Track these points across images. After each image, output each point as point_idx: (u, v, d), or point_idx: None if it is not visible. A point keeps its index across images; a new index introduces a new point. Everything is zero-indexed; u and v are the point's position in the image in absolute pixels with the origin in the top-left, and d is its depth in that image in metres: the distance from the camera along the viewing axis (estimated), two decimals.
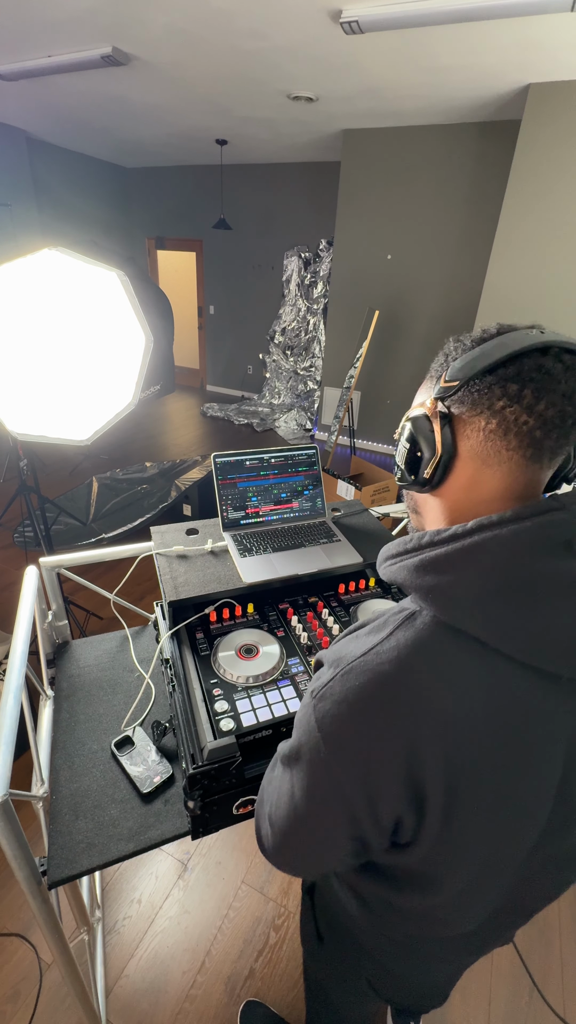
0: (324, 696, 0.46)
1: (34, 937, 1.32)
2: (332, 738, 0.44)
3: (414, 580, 0.46)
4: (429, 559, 0.45)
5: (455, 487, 0.48)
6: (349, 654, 0.46)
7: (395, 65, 2.79)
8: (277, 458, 1.21)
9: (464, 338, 0.48)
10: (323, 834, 0.49)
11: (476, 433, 0.45)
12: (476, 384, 0.44)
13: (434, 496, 0.51)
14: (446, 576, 0.43)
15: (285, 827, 0.51)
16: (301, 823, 0.50)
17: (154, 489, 3.66)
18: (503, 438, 0.43)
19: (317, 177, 5.24)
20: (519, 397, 0.42)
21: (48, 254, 0.97)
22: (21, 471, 1.98)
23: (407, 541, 0.49)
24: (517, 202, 3.21)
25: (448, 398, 0.46)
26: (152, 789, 0.86)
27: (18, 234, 4.79)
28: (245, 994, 1.28)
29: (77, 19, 2.48)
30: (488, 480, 0.46)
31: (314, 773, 0.47)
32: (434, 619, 0.44)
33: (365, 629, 0.50)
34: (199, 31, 2.51)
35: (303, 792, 0.48)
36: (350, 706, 0.44)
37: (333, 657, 0.48)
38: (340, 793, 0.45)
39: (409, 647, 0.43)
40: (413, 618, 0.45)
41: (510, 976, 1.35)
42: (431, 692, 0.42)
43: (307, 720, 0.47)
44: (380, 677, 0.43)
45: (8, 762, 0.64)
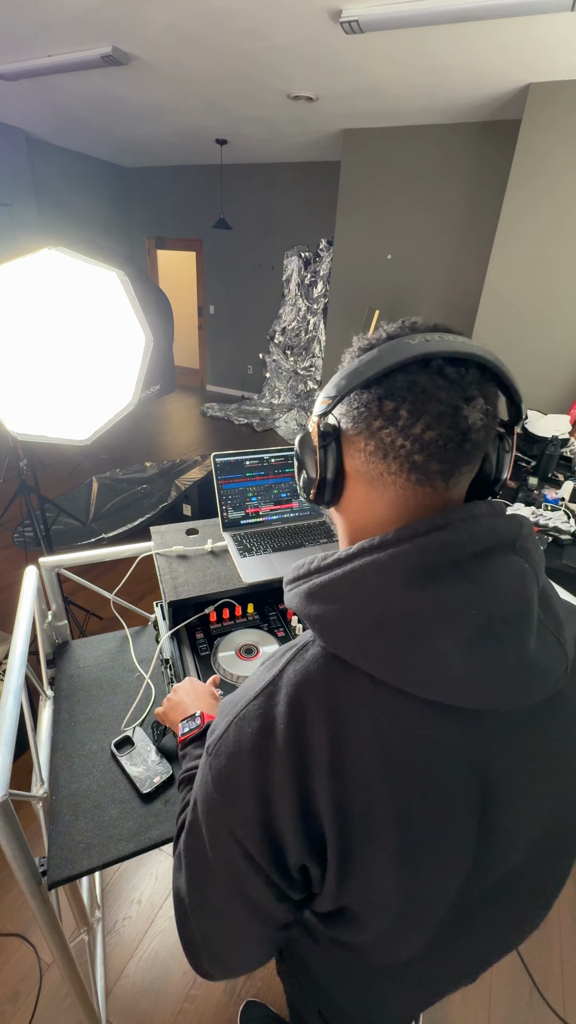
0: (219, 752, 0.43)
1: (34, 937, 1.32)
2: (231, 797, 0.41)
3: (304, 608, 0.42)
4: (316, 586, 0.41)
5: (351, 506, 0.45)
6: (243, 698, 0.43)
7: (395, 65, 2.79)
8: (277, 458, 1.21)
9: (359, 339, 0.44)
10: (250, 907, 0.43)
11: (358, 454, 0.42)
12: (355, 400, 0.41)
13: (336, 512, 0.48)
14: (330, 604, 0.40)
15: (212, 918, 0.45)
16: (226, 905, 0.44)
17: (154, 489, 3.66)
18: (382, 461, 0.40)
19: (317, 177, 5.24)
20: (395, 417, 0.38)
21: (48, 254, 0.97)
22: (21, 471, 1.98)
23: (301, 566, 0.45)
24: (517, 202, 3.21)
25: (327, 414, 0.43)
26: (152, 789, 0.86)
27: (18, 234, 4.79)
28: (245, 994, 1.28)
29: (77, 19, 2.47)
30: (377, 501, 0.43)
31: (222, 844, 0.42)
32: (323, 650, 0.41)
33: (267, 663, 0.46)
34: (199, 31, 2.51)
35: (215, 872, 0.44)
36: (244, 757, 0.41)
37: (228, 705, 0.45)
38: (251, 861, 0.41)
39: (298, 683, 0.40)
40: (305, 650, 0.42)
41: (510, 976, 1.35)
42: (319, 733, 0.38)
43: (203, 782, 0.44)
44: (271, 719, 0.40)
45: (8, 762, 0.64)
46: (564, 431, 2.30)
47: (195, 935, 0.47)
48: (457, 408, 0.38)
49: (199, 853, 0.45)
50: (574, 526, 1.82)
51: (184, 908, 0.47)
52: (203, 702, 0.73)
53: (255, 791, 0.40)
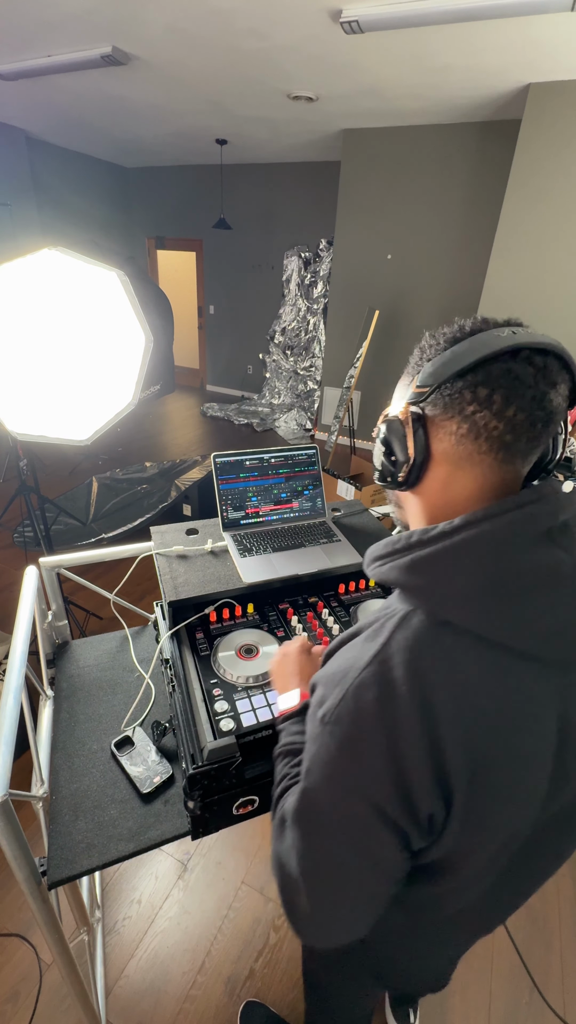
0: (339, 719, 0.45)
1: (34, 937, 1.32)
2: (358, 758, 0.44)
3: (406, 579, 0.46)
4: (420, 558, 0.45)
5: (431, 487, 0.50)
6: (352, 668, 0.46)
7: (395, 65, 2.79)
8: (277, 458, 1.21)
9: (439, 335, 0.49)
10: (374, 867, 0.46)
11: (448, 436, 0.46)
12: (447, 388, 0.45)
13: (413, 494, 0.52)
14: (437, 574, 0.44)
15: (330, 883, 0.47)
16: (348, 868, 0.46)
17: (154, 489, 3.66)
18: (474, 442, 0.44)
19: (317, 177, 5.24)
20: (489, 402, 0.43)
21: (48, 254, 0.97)
22: (21, 471, 1.98)
23: (395, 542, 0.49)
24: (517, 202, 3.21)
25: (420, 402, 0.47)
26: (152, 789, 0.86)
27: (18, 234, 4.79)
28: (245, 994, 1.28)
29: (77, 19, 2.48)
30: (461, 481, 0.47)
31: (348, 806, 0.45)
32: (429, 617, 0.45)
33: (360, 637, 0.49)
34: (199, 31, 2.51)
35: (341, 834, 0.45)
36: (369, 719, 0.43)
37: (335, 677, 0.47)
38: (380, 811, 0.43)
39: (412, 647, 0.44)
40: (408, 618, 0.45)
41: (510, 976, 1.35)
42: (441, 688, 0.42)
43: (325, 750, 0.45)
44: (391, 683, 0.43)
45: (8, 762, 0.64)
46: None
47: (305, 903, 0.48)
48: (544, 393, 0.43)
49: (317, 819, 0.47)
50: None
51: (293, 877, 0.48)
52: (304, 680, 0.74)
53: (385, 750, 0.42)
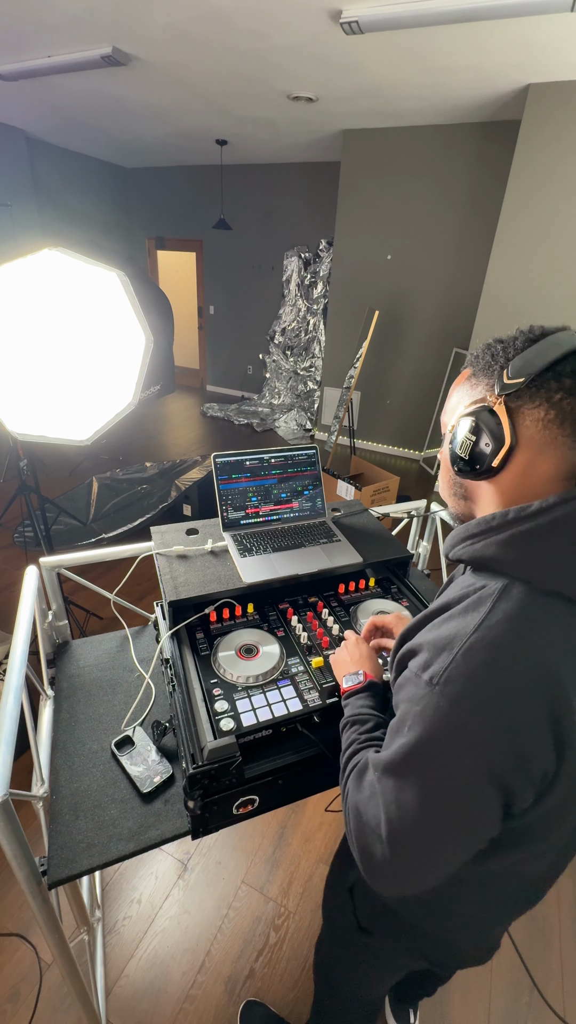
0: (450, 679, 0.47)
1: (34, 937, 1.32)
2: (475, 715, 0.45)
3: (505, 554, 0.50)
4: (520, 533, 0.49)
5: (512, 473, 0.53)
6: (460, 634, 0.48)
7: (395, 65, 2.79)
8: (277, 458, 1.21)
9: (510, 340, 0.54)
10: (467, 823, 0.48)
11: (534, 423, 0.50)
12: (537, 379, 0.50)
13: (490, 483, 0.56)
14: (540, 547, 0.48)
15: (415, 833, 0.48)
16: (439, 821, 0.48)
17: (154, 489, 3.66)
18: (560, 426, 0.49)
19: (317, 177, 5.25)
20: (574, 390, 0.48)
21: (48, 254, 0.97)
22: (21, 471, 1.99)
23: (489, 520, 0.52)
24: (517, 202, 3.21)
25: (511, 393, 0.51)
26: (152, 789, 0.86)
27: (18, 234, 4.79)
28: (245, 994, 1.28)
29: (77, 19, 2.48)
30: (541, 465, 0.51)
31: (460, 760, 0.46)
32: (529, 588, 0.48)
33: (456, 610, 0.51)
34: (199, 31, 2.51)
35: (440, 788, 0.47)
36: (486, 679, 0.45)
37: (440, 643, 0.49)
38: (492, 770, 0.46)
39: (518, 615, 0.47)
40: (508, 590, 0.49)
41: (510, 976, 1.35)
42: (552, 650, 0.46)
43: (435, 709, 0.47)
44: (503, 647, 0.46)
45: (8, 762, 0.64)
46: None
47: (385, 851, 0.49)
48: None
49: (417, 772, 0.48)
50: None
51: (373, 825, 0.50)
52: (365, 664, 0.79)
53: (502, 708, 0.45)
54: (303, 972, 1.32)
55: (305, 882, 1.51)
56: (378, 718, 0.67)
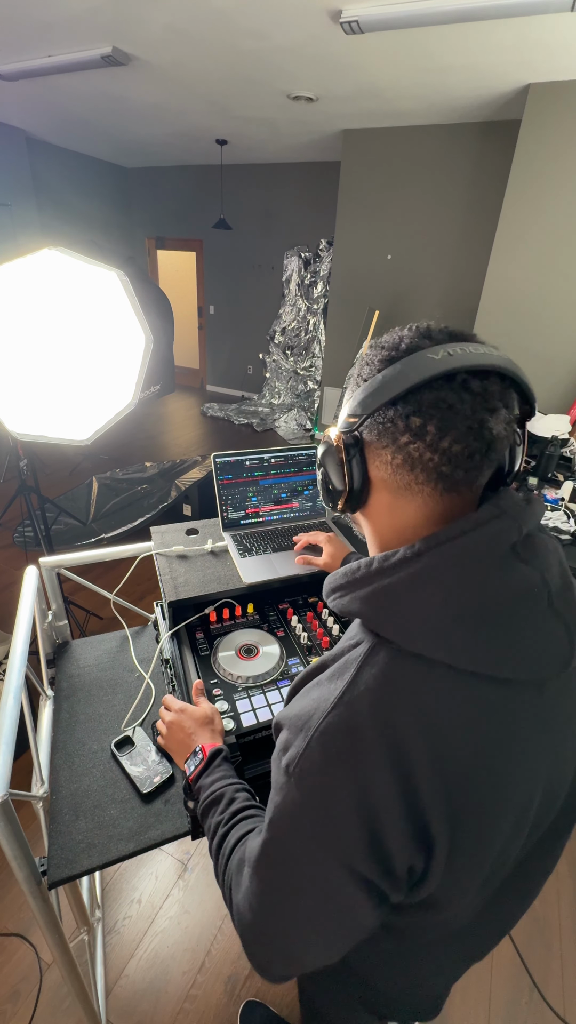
0: (304, 771, 0.42)
1: (34, 937, 1.32)
2: (326, 812, 0.41)
3: (369, 612, 0.44)
4: (382, 588, 0.43)
5: (377, 511, 0.47)
6: (317, 711, 0.43)
7: (395, 65, 2.79)
8: (277, 458, 1.21)
9: (377, 350, 0.45)
10: (333, 921, 0.44)
11: (384, 465, 0.44)
12: (380, 416, 0.42)
13: (362, 516, 0.50)
14: (402, 605, 0.41)
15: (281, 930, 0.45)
16: (303, 919, 0.44)
17: (154, 489, 3.66)
18: (410, 472, 0.42)
19: (317, 177, 5.24)
20: (423, 432, 0.40)
21: (48, 254, 0.97)
22: (21, 471, 1.98)
23: (354, 571, 0.46)
24: (517, 202, 3.21)
25: (351, 431, 0.45)
26: (152, 789, 0.86)
27: (18, 234, 4.79)
28: (245, 994, 1.28)
29: (77, 19, 2.48)
30: (405, 508, 0.45)
31: (312, 860, 0.42)
32: (396, 650, 0.42)
33: (325, 675, 0.46)
34: (199, 31, 2.51)
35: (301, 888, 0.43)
36: (337, 771, 0.40)
37: (299, 720, 0.44)
38: (347, 868, 0.41)
39: (380, 687, 0.41)
40: (375, 653, 0.43)
41: (510, 976, 1.35)
42: (413, 731, 0.39)
43: (291, 802, 0.43)
44: (360, 729, 0.40)
45: (8, 762, 0.64)
46: (564, 431, 2.30)
47: (262, 950, 0.47)
48: (483, 421, 0.39)
49: (279, 873, 0.44)
50: (574, 526, 1.82)
51: (255, 928, 0.46)
52: (197, 733, 0.72)
53: (357, 803, 0.40)
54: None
55: None
56: (231, 786, 0.61)
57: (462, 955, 0.65)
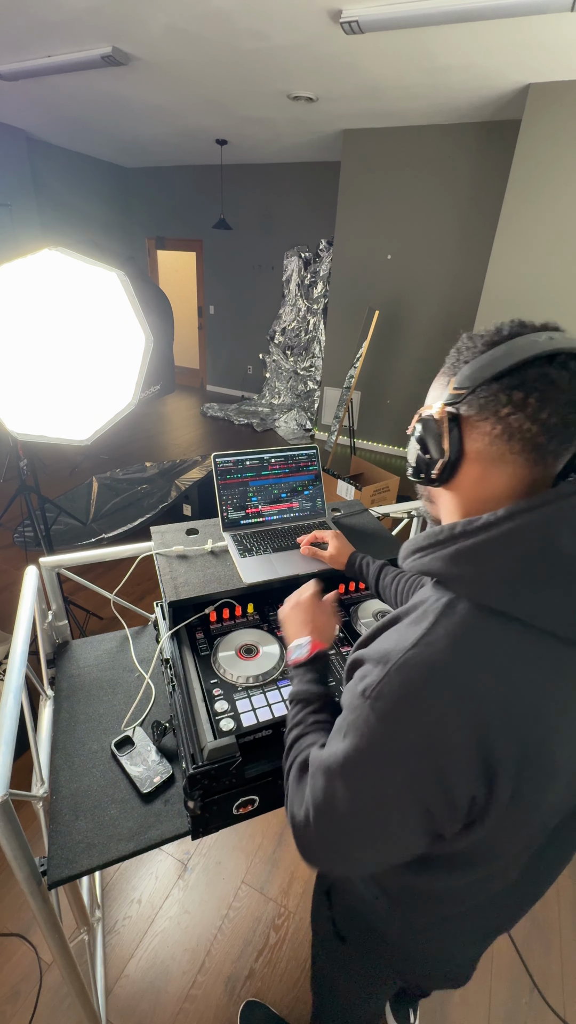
0: (381, 694, 0.46)
1: (34, 937, 1.32)
2: (401, 734, 0.45)
3: (450, 569, 0.47)
4: (465, 547, 0.46)
5: (464, 483, 0.51)
6: (397, 648, 0.47)
7: (395, 65, 2.79)
8: (277, 458, 1.21)
9: (476, 338, 0.50)
10: (384, 834, 0.49)
11: (482, 437, 0.47)
12: (483, 391, 0.46)
13: (446, 490, 0.53)
14: (484, 563, 0.45)
15: (334, 831, 0.50)
16: (356, 826, 0.48)
17: (154, 489, 3.66)
18: (507, 443, 0.46)
19: (317, 177, 5.24)
20: (524, 405, 0.44)
21: (48, 254, 0.97)
22: (21, 471, 1.98)
23: (437, 533, 0.50)
24: (517, 202, 3.21)
25: (456, 403, 0.48)
26: (152, 789, 0.86)
27: (18, 234, 4.79)
28: (245, 994, 1.28)
29: (77, 19, 2.48)
30: (494, 479, 0.48)
31: (381, 775, 0.46)
32: (474, 604, 0.46)
33: (404, 622, 0.50)
34: (199, 31, 2.51)
35: (366, 797, 0.47)
36: (414, 698, 0.44)
37: (377, 655, 0.49)
38: (413, 790, 0.45)
39: (457, 634, 0.45)
40: (452, 606, 0.47)
41: (510, 976, 1.35)
42: (487, 673, 0.43)
43: (364, 722, 0.47)
44: (437, 666, 0.44)
45: (8, 762, 0.64)
46: None
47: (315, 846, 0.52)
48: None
49: (343, 781, 0.48)
50: None
51: (303, 822, 0.52)
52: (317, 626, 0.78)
53: (428, 730, 0.43)
54: (303, 972, 1.32)
55: (305, 882, 1.51)
56: (323, 696, 0.67)
57: (494, 924, 0.68)
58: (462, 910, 0.62)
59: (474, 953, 0.74)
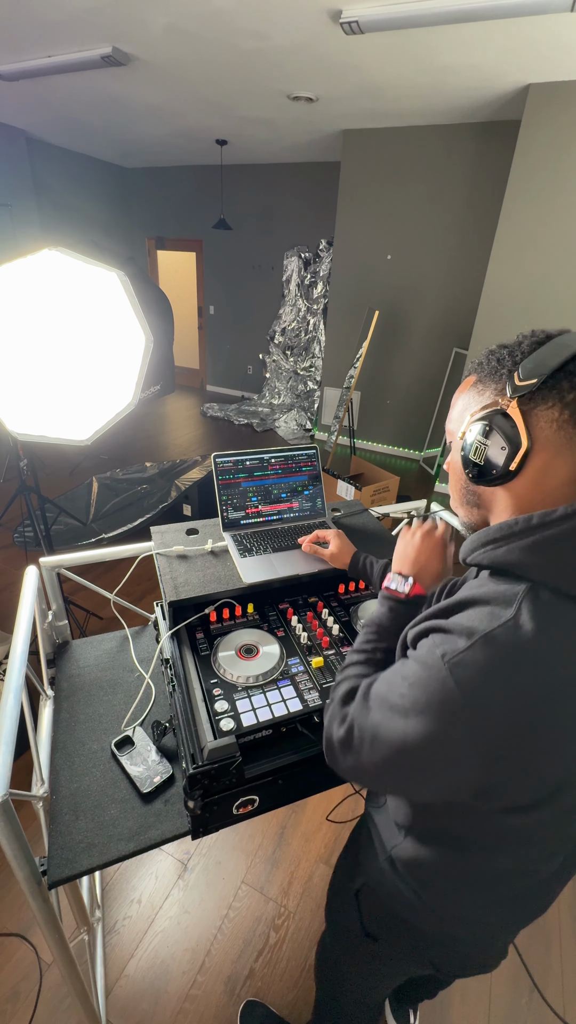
0: (463, 662, 0.47)
1: (34, 937, 1.32)
2: (481, 705, 0.46)
3: (530, 559, 0.50)
4: (545, 539, 0.49)
5: (526, 477, 0.53)
6: (482, 625, 0.48)
7: (395, 65, 2.79)
8: (277, 458, 1.21)
9: (515, 345, 0.54)
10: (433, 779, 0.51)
11: (549, 424, 0.50)
12: (548, 380, 0.49)
13: (503, 489, 0.55)
14: (567, 552, 0.48)
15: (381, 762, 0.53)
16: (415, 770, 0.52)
17: (154, 489, 3.66)
18: (575, 426, 0.49)
19: (317, 177, 5.24)
20: None
21: (48, 254, 0.97)
22: (21, 471, 1.98)
23: (512, 525, 0.52)
24: (517, 202, 3.21)
25: (523, 395, 0.51)
26: (152, 789, 0.86)
27: (18, 234, 4.79)
28: (245, 994, 1.28)
29: (77, 19, 2.48)
30: (558, 467, 0.51)
31: (449, 733, 0.48)
32: (556, 593, 0.48)
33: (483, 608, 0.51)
34: (199, 31, 2.51)
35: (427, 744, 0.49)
36: (498, 674, 0.46)
37: (459, 627, 0.50)
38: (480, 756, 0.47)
39: (544, 618, 0.47)
40: (535, 593, 0.48)
41: (510, 976, 1.35)
42: (570, 658, 0.46)
43: (440, 684, 0.48)
44: (524, 647, 0.46)
45: (8, 762, 0.64)
46: None
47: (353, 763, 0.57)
48: None
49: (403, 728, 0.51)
50: None
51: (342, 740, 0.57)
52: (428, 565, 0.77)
53: (512, 701, 0.45)
54: (303, 972, 1.32)
55: (305, 882, 1.51)
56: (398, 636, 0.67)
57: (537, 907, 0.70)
58: (510, 894, 0.64)
59: (510, 937, 0.75)
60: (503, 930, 0.71)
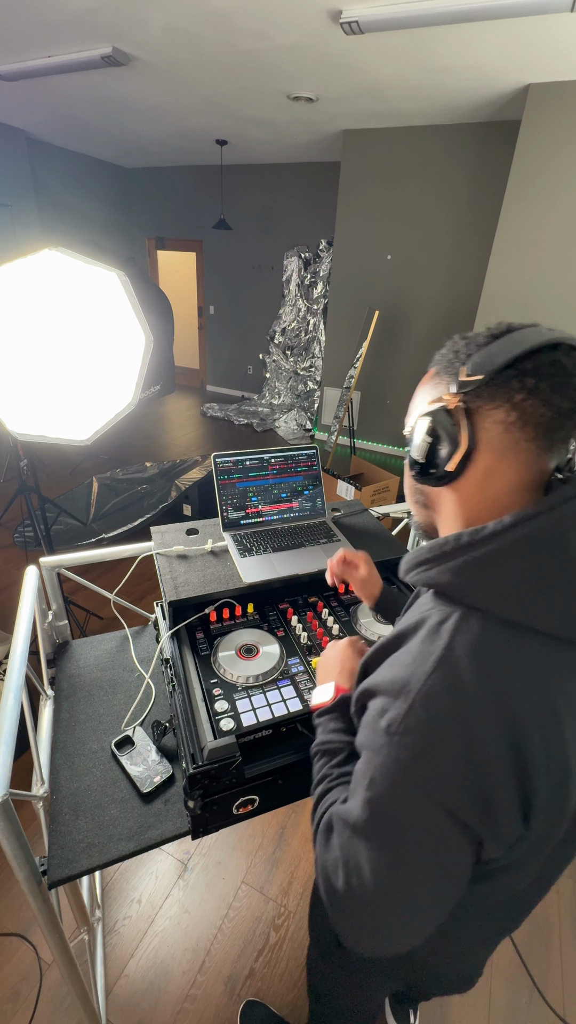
0: (408, 729, 0.43)
1: (34, 937, 1.32)
2: (433, 767, 0.42)
3: (459, 582, 0.46)
4: (474, 559, 0.45)
5: (470, 480, 0.50)
6: (416, 675, 0.44)
7: (395, 65, 2.79)
8: (277, 458, 1.21)
9: (474, 336, 0.50)
10: (440, 871, 0.44)
11: (495, 425, 0.46)
12: (498, 378, 0.46)
13: (449, 490, 0.52)
14: (495, 574, 0.44)
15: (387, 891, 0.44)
16: (409, 874, 0.44)
17: (154, 489, 3.66)
18: (521, 429, 0.45)
19: (317, 177, 5.24)
20: (537, 390, 0.44)
21: (48, 254, 0.97)
22: (21, 471, 1.98)
23: (442, 544, 0.48)
24: (517, 202, 3.21)
25: (468, 392, 0.47)
26: (152, 789, 0.86)
27: (18, 234, 4.79)
28: (245, 994, 1.28)
29: (77, 19, 2.48)
30: (503, 472, 0.47)
31: (421, 814, 0.43)
32: (487, 618, 0.45)
33: (413, 641, 0.48)
34: (199, 31, 2.51)
35: (407, 843, 0.43)
36: (444, 728, 0.42)
37: (394, 685, 0.46)
38: (455, 819, 0.42)
39: (479, 650, 0.43)
40: (466, 621, 0.45)
41: (510, 976, 1.35)
42: (516, 687, 0.42)
43: (395, 761, 0.44)
44: (463, 688, 0.42)
45: (8, 762, 0.64)
46: None
47: (369, 914, 0.45)
48: None
49: (387, 830, 0.44)
50: None
51: (342, 890, 0.46)
52: (347, 673, 0.73)
53: (463, 757, 0.41)
54: (303, 972, 1.32)
55: (305, 882, 1.51)
56: (350, 746, 0.61)
57: (506, 924, 0.67)
58: (483, 908, 0.60)
59: (484, 955, 0.72)
60: (476, 947, 0.68)
